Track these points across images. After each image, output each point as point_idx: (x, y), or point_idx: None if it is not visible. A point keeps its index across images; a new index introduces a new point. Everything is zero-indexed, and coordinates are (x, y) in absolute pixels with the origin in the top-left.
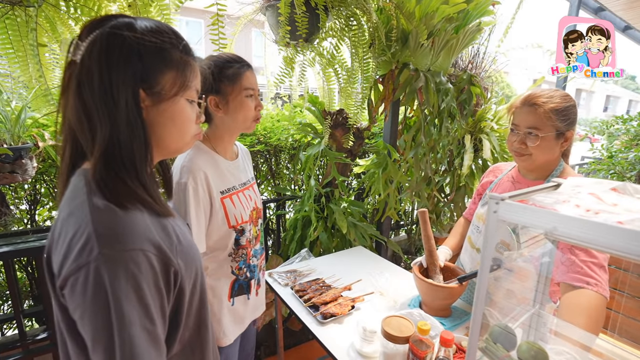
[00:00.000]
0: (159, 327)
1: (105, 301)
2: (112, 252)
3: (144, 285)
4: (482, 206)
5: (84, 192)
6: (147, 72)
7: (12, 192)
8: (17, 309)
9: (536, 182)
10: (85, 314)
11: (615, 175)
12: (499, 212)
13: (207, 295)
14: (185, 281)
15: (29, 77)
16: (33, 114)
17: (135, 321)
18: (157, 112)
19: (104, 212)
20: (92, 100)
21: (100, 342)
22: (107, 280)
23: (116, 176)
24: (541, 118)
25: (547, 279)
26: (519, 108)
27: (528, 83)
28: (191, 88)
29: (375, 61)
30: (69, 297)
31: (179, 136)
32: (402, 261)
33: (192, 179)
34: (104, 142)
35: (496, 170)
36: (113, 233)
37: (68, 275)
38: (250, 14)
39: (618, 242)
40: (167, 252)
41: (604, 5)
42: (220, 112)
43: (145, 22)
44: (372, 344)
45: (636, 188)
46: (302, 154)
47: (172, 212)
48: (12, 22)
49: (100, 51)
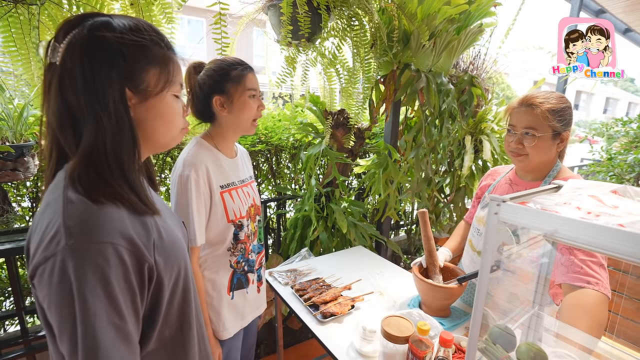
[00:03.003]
0: (129, 323)
1: (70, 292)
2: (78, 243)
3: (113, 279)
4: (482, 209)
5: (62, 187)
6: (132, 70)
7: (14, 190)
8: (19, 305)
9: (534, 183)
10: (51, 304)
11: (614, 178)
12: (500, 213)
13: (192, 294)
14: (164, 278)
15: (31, 75)
16: (35, 112)
17: (102, 315)
18: (144, 109)
19: (76, 206)
20: (76, 103)
21: (65, 332)
22: (72, 272)
23: (97, 176)
24: (538, 118)
25: (546, 280)
26: (515, 109)
27: (529, 85)
28: (176, 83)
29: (377, 61)
30: (38, 286)
31: (168, 130)
32: (401, 261)
33: (195, 172)
34: (89, 144)
35: (494, 174)
36: (82, 226)
37: (37, 265)
38: (252, 13)
39: (619, 245)
40: (141, 247)
41: (604, 8)
42: (225, 112)
43: (123, 20)
44: (372, 344)
45: (637, 191)
46: (303, 153)
47: (158, 210)
48: (15, 19)
49: (81, 53)
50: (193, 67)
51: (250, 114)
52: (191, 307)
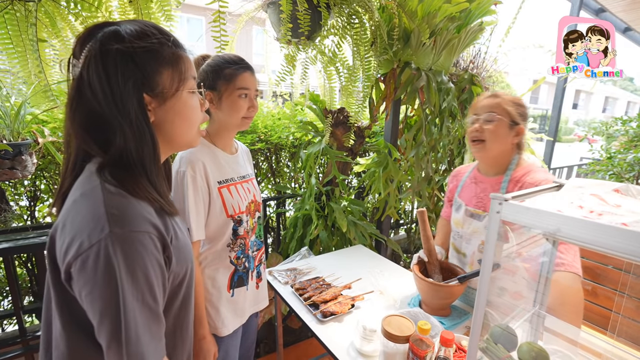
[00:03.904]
0: (160, 305)
1: (114, 277)
2: (122, 231)
3: (149, 264)
4: (457, 211)
5: (97, 178)
6: (146, 76)
7: (12, 189)
8: (17, 305)
9: (496, 177)
10: (95, 289)
11: (613, 176)
12: (502, 212)
13: (191, 303)
14: (170, 275)
15: (28, 72)
16: (33, 110)
17: (139, 297)
18: (164, 111)
19: (116, 196)
20: (100, 113)
21: (108, 315)
22: (117, 258)
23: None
24: (499, 105)
25: (547, 280)
26: (480, 101)
27: (528, 83)
28: (189, 79)
29: (377, 60)
30: (78, 274)
31: (189, 128)
32: (401, 260)
33: (191, 168)
34: (118, 151)
35: (458, 174)
36: (123, 215)
37: (79, 252)
38: (252, 11)
39: (623, 244)
40: (166, 237)
41: (604, 7)
42: (214, 108)
43: (129, 26)
44: (372, 343)
45: (639, 189)
46: (302, 152)
47: (177, 211)
48: (12, 17)
49: (97, 67)
50: (198, 60)
51: (238, 114)
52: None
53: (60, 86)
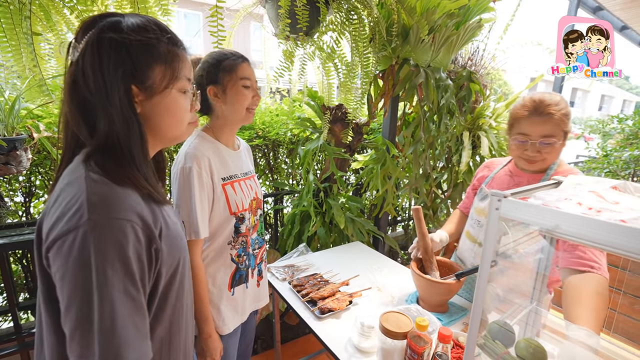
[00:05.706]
0: (142, 295)
1: (88, 263)
2: (100, 218)
3: (130, 253)
4: (482, 200)
5: (83, 167)
6: (137, 69)
7: (7, 185)
8: (12, 302)
9: (536, 175)
10: (66, 274)
11: (609, 174)
12: (501, 209)
13: (185, 294)
14: (162, 267)
15: (22, 66)
16: (27, 105)
17: (119, 286)
18: (151, 105)
19: (98, 184)
20: (89, 99)
21: (75, 303)
22: (93, 245)
23: (114, 162)
24: (556, 126)
25: (544, 276)
26: (527, 118)
27: (526, 81)
28: (181, 78)
29: (376, 56)
30: (54, 258)
31: (176, 125)
32: (399, 257)
33: (197, 164)
34: (103, 136)
35: (491, 165)
36: (104, 202)
37: (57, 238)
38: (250, 6)
39: (622, 241)
40: (152, 229)
41: (602, 5)
42: (219, 102)
43: (132, 19)
44: (370, 340)
45: (636, 187)
46: (300, 148)
47: (167, 200)
48: (5, 9)
49: (92, 54)
50: (194, 61)
51: (244, 103)
52: (184, 309)
53: (56, 80)
